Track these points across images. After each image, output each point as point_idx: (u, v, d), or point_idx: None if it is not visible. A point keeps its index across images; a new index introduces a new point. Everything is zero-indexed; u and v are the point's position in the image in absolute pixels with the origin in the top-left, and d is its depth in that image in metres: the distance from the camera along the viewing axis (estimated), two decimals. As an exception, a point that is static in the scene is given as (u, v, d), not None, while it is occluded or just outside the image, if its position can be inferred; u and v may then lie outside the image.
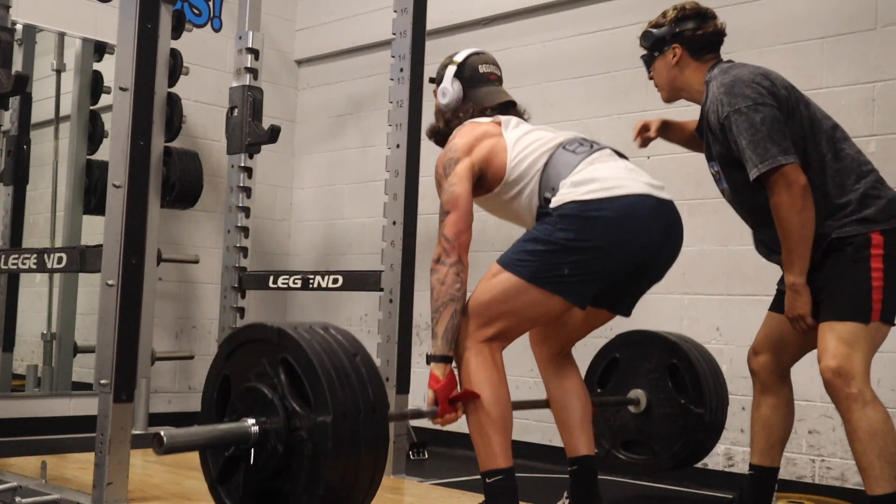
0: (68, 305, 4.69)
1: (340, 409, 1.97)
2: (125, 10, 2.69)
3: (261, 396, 2.06)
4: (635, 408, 3.19)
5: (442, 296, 2.37)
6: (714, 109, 2.57)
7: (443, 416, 2.39)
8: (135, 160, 2.66)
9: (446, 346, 2.37)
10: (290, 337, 2.04)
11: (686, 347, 3.17)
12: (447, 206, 2.44)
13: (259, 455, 2.05)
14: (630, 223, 2.35)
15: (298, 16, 5.74)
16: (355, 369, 2.04)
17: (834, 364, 2.42)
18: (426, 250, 4.68)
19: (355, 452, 1.99)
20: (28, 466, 3.15)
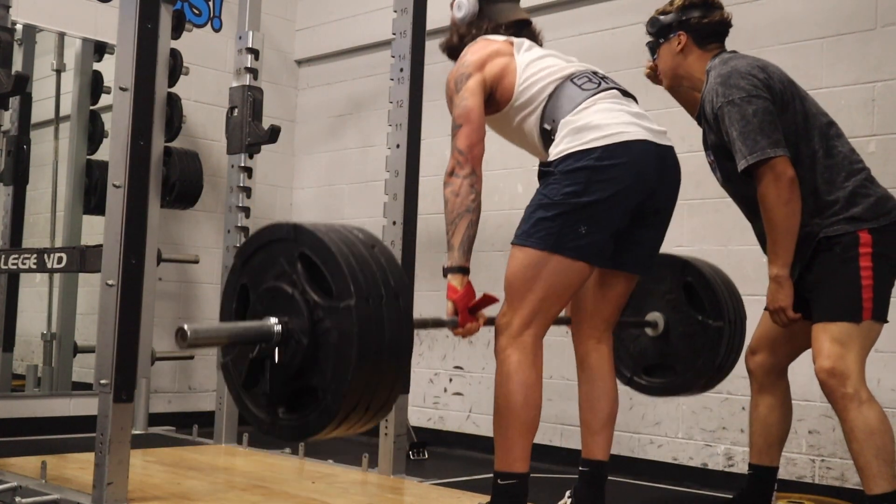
0: (68, 305, 4.69)
1: (363, 294, 1.92)
2: (125, 10, 2.69)
3: (281, 294, 2.02)
4: (653, 331, 3.12)
5: (457, 207, 2.37)
6: (710, 99, 2.59)
7: (464, 326, 2.37)
8: (135, 160, 2.66)
9: (462, 257, 2.37)
10: (307, 230, 2.01)
11: (699, 264, 3.09)
12: (459, 119, 2.44)
13: (284, 353, 2.00)
14: (631, 168, 2.35)
15: (298, 16, 5.74)
16: (374, 259, 2.00)
17: (828, 365, 2.43)
18: (426, 250, 4.69)
19: (381, 336, 1.95)
20: (28, 466, 3.15)
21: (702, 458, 3.88)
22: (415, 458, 4.23)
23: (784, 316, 2.54)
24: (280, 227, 2.07)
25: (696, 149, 4.00)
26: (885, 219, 2.51)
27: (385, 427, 3.38)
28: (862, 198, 2.51)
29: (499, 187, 4.51)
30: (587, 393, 2.63)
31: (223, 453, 3.83)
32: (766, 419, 2.79)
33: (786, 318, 2.54)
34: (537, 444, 4.24)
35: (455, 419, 4.67)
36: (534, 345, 2.37)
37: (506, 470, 2.35)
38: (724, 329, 3.04)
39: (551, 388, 4.21)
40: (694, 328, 3.07)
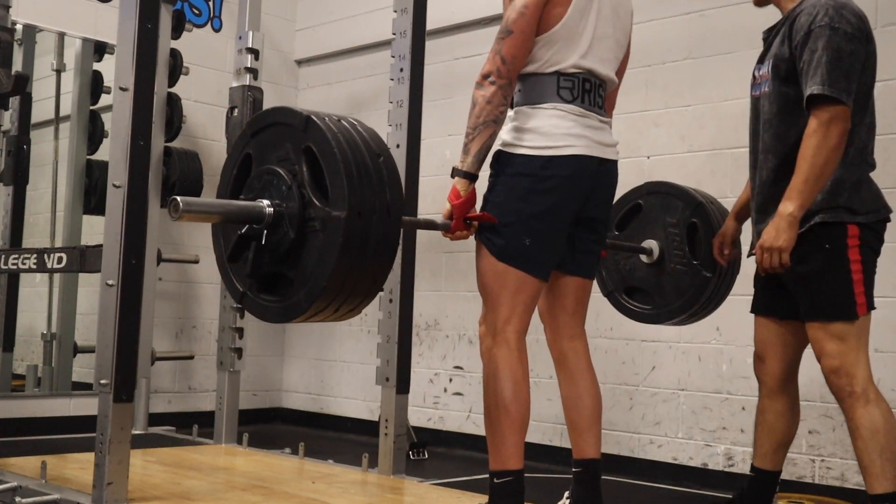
0: (68, 305, 4.69)
1: (355, 208, 1.97)
2: (125, 10, 2.69)
3: (280, 180, 2.07)
4: (647, 257, 3.13)
5: (485, 114, 2.35)
6: (811, 13, 2.47)
7: (454, 232, 2.39)
8: (135, 160, 2.66)
9: (476, 164, 2.37)
10: (318, 127, 2.04)
11: (710, 210, 3.08)
12: (512, 25, 2.38)
13: (270, 237, 2.06)
14: (570, 182, 2.39)
15: (298, 16, 5.75)
16: (377, 170, 2.04)
17: (836, 364, 2.43)
18: (426, 250, 4.69)
19: (364, 250, 2.00)
20: (28, 466, 3.16)
21: (702, 458, 3.88)
22: (415, 458, 4.23)
23: (778, 258, 2.46)
24: (294, 114, 2.12)
25: (696, 149, 4.01)
26: (873, 215, 2.51)
27: (385, 427, 3.39)
28: (865, 189, 2.51)
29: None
30: (569, 393, 2.65)
31: (223, 453, 3.83)
32: (774, 425, 2.75)
33: (779, 261, 2.46)
34: (537, 445, 4.26)
35: (455, 419, 4.67)
36: (517, 341, 2.40)
37: (500, 468, 2.37)
38: (712, 281, 3.04)
39: (551, 387, 4.21)
40: (684, 269, 3.08)
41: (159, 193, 4.38)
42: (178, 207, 2.00)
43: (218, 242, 2.25)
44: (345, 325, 5.26)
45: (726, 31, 3.92)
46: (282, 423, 5.50)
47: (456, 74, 4.83)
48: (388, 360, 3.43)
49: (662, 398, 4.00)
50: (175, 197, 2.01)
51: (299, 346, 5.53)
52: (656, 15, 4.11)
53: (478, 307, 2.50)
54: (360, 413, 5.10)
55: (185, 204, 2.01)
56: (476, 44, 4.76)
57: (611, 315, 3.61)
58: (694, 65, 4.04)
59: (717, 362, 3.86)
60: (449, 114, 4.77)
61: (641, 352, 4.07)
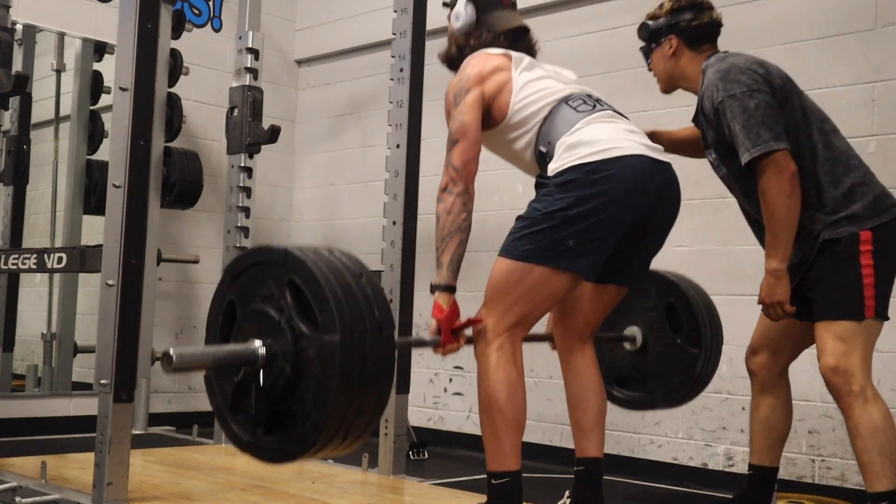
0: (68, 305, 4.69)
1: (348, 329, 1.95)
2: (125, 10, 2.69)
3: (267, 318, 2.05)
4: (631, 345, 3.16)
5: (449, 225, 2.38)
6: (709, 95, 2.59)
7: (444, 346, 2.40)
8: (135, 160, 2.66)
9: (451, 275, 2.38)
10: (297, 258, 2.03)
11: (684, 287, 3.12)
12: (456, 134, 2.44)
13: (267, 376, 2.04)
14: (627, 183, 2.34)
15: (298, 16, 5.74)
16: (361, 289, 2.03)
17: (833, 363, 2.44)
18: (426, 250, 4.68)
19: (363, 372, 1.98)
20: (28, 466, 3.15)
21: (702, 458, 3.88)
22: (415, 458, 4.23)
23: (781, 310, 2.53)
24: (271, 250, 2.10)
25: (696, 149, 4.01)
26: (885, 215, 2.51)
27: (385, 427, 3.39)
28: (861, 194, 2.52)
29: (499, 187, 4.51)
30: (575, 392, 2.65)
31: (223, 453, 3.83)
32: (768, 419, 2.78)
33: (782, 312, 2.53)
34: (538, 445, 4.26)
35: (455, 419, 4.67)
36: (512, 344, 2.40)
37: (498, 469, 2.37)
38: (700, 356, 3.08)
39: (551, 388, 4.21)
40: (670, 349, 3.11)
41: (159, 193, 4.38)
42: (171, 361, 1.95)
43: (213, 395, 2.19)
44: (345, 325, 5.26)
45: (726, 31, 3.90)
46: (282, 423, 5.49)
47: (456, 74, 4.83)
48: (388, 360, 3.42)
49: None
50: (168, 350, 1.96)
51: (299, 346, 5.52)
52: (656, 15, 4.11)
53: (477, 306, 2.50)
54: (360, 413, 5.10)
55: (179, 357, 1.96)
56: (476, 44, 4.76)
57: None
58: (694, 65, 4.03)
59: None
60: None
61: (641, 352, 4.07)
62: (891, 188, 2.92)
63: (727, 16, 3.98)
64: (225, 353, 2.08)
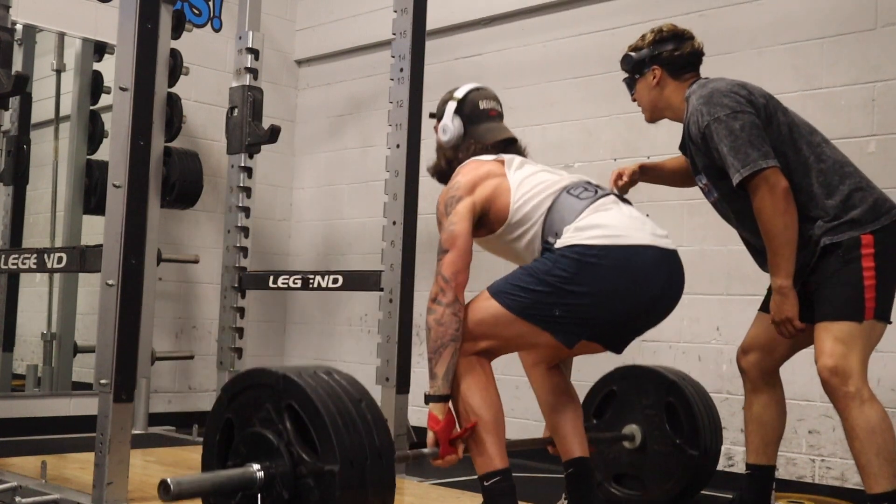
0: (68, 305, 4.69)
1: (347, 457, 1.96)
2: (125, 10, 2.69)
3: (266, 442, 2.06)
4: (630, 443, 3.16)
5: (441, 336, 2.37)
6: (695, 121, 2.60)
7: (444, 458, 2.39)
8: (135, 160, 2.66)
9: (446, 385, 2.37)
10: (295, 383, 2.03)
11: (683, 386, 3.14)
12: (446, 244, 2.43)
13: (265, 501, 2.04)
14: (629, 274, 2.33)
15: (298, 16, 5.74)
16: (361, 415, 2.04)
17: (831, 363, 2.44)
18: (426, 250, 4.68)
19: (363, 499, 1.98)
20: (28, 466, 3.15)
21: (702, 458, 3.88)
22: (415, 458, 4.22)
23: (791, 326, 2.54)
24: (270, 373, 2.10)
25: (696, 149, 4.01)
26: (885, 218, 2.52)
27: (385, 427, 3.38)
28: (859, 200, 2.53)
29: (499, 187, 4.51)
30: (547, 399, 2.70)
31: (223, 453, 3.82)
32: (762, 417, 2.79)
33: (793, 328, 2.54)
34: (537, 444, 4.25)
35: (455, 419, 4.66)
36: (479, 362, 2.41)
37: (487, 470, 2.38)
38: (698, 459, 3.09)
39: (551, 388, 4.21)
40: (669, 449, 3.13)
41: (159, 193, 4.38)
42: (168, 490, 1.97)
43: None
44: (345, 325, 5.26)
45: (726, 31, 3.92)
46: (282, 423, 5.50)
47: (456, 74, 4.83)
48: (388, 360, 3.43)
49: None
50: (165, 479, 1.98)
51: (299, 346, 5.53)
52: (656, 15, 4.10)
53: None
54: (360, 413, 5.09)
55: (176, 485, 1.98)
56: (476, 44, 4.76)
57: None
58: (694, 65, 4.03)
59: (717, 362, 3.86)
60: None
61: (641, 352, 4.07)
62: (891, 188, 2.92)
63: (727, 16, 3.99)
64: (223, 479, 2.08)
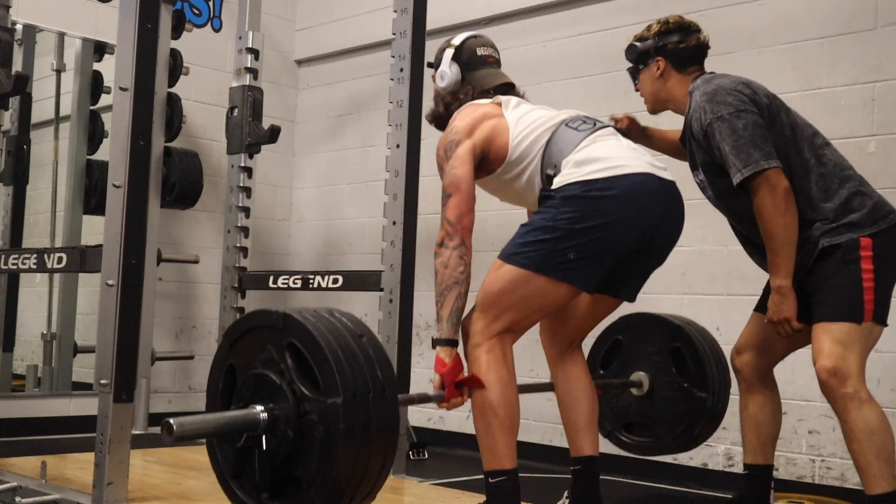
0: (68, 305, 4.69)
1: (350, 391, 1.94)
2: (125, 10, 2.69)
3: (268, 382, 2.04)
4: (638, 390, 3.17)
5: (446, 279, 2.37)
6: (697, 118, 2.60)
7: (449, 401, 2.39)
8: (135, 160, 2.66)
9: (451, 329, 2.37)
10: (296, 321, 2.02)
11: (689, 331, 3.15)
12: (449, 189, 2.44)
13: (270, 441, 2.02)
14: (633, 202, 2.35)
15: (298, 16, 5.74)
16: (362, 350, 2.02)
17: (829, 364, 2.44)
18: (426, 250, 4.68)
19: (367, 433, 1.97)
20: (28, 466, 3.15)
21: (702, 458, 3.88)
22: (415, 458, 4.23)
23: (788, 327, 2.54)
24: (269, 314, 2.09)
25: (696, 149, 4.01)
26: (883, 222, 2.52)
27: (385, 427, 3.38)
28: (858, 203, 2.53)
29: (499, 187, 4.51)
30: (566, 392, 2.67)
31: (223, 453, 3.82)
32: (757, 417, 2.80)
33: (790, 328, 2.54)
34: (537, 445, 4.26)
35: (455, 419, 4.66)
36: (502, 346, 2.40)
37: (494, 468, 2.38)
38: (707, 400, 3.10)
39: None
40: (678, 394, 3.13)
41: (159, 193, 4.38)
42: (171, 430, 1.95)
43: (215, 460, 2.19)
44: (345, 325, 5.25)
45: (726, 31, 3.92)
46: (282, 423, 5.50)
47: (456, 74, 4.83)
48: (388, 360, 3.42)
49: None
50: (168, 420, 1.96)
51: (299, 346, 5.52)
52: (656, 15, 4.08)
53: (478, 307, 2.49)
54: (360, 413, 5.09)
55: (179, 426, 1.96)
56: (476, 44, 4.76)
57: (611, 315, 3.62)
58: (694, 65, 4.03)
59: None
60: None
61: (641, 352, 4.07)
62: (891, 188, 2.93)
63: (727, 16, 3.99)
64: (226, 419, 2.07)
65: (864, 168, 2.69)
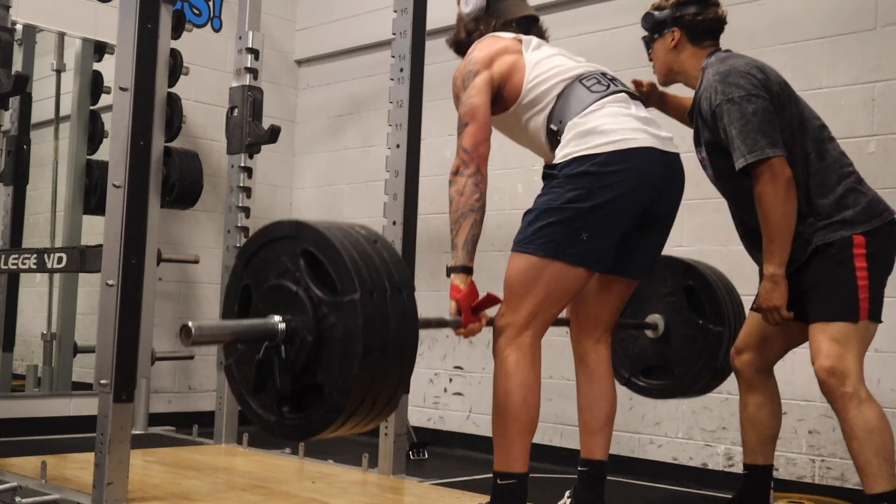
0: (68, 305, 4.69)
1: (367, 288, 1.92)
2: (125, 10, 2.69)
3: (284, 292, 2.01)
4: (653, 332, 3.14)
5: (461, 207, 2.37)
6: (707, 96, 2.58)
7: (466, 326, 2.37)
8: (135, 160, 2.65)
9: (466, 256, 2.37)
10: (309, 227, 2.00)
11: (701, 268, 3.12)
12: (465, 118, 2.43)
13: (289, 350, 1.99)
14: (636, 175, 2.34)
15: (298, 16, 5.74)
16: (377, 253, 2.01)
17: (828, 364, 2.43)
18: (426, 250, 4.69)
19: (386, 329, 1.93)
20: (28, 466, 3.15)
21: (702, 458, 3.88)
22: (415, 458, 4.23)
23: (778, 315, 2.54)
24: (282, 224, 2.07)
25: (696, 149, 4.01)
26: (877, 220, 2.52)
27: (385, 427, 3.38)
28: (853, 201, 2.53)
29: (499, 187, 4.51)
30: (586, 393, 2.63)
31: (223, 453, 3.83)
32: (757, 417, 2.80)
33: (779, 317, 2.54)
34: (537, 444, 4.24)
35: (455, 419, 4.67)
36: (532, 345, 2.38)
37: (505, 470, 2.36)
38: (724, 334, 3.06)
39: (551, 388, 4.21)
40: (694, 331, 3.09)
41: (159, 193, 4.38)
42: (189, 333, 1.92)
43: (234, 382, 2.14)
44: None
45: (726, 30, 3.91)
46: (282, 423, 5.49)
47: (456, 74, 4.83)
48: (388, 360, 3.42)
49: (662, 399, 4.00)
50: (186, 323, 1.92)
51: (299, 346, 5.53)
52: (656, 15, 4.11)
53: (481, 308, 2.48)
54: (360, 413, 5.10)
55: (197, 329, 1.93)
56: (476, 44, 4.76)
57: None
58: (694, 65, 4.03)
59: None
60: (449, 114, 4.73)
61: (641, 352, 4.07)
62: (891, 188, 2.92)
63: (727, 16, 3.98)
64: (244, 326, 2.04)
65: (863, 168, 2.69)
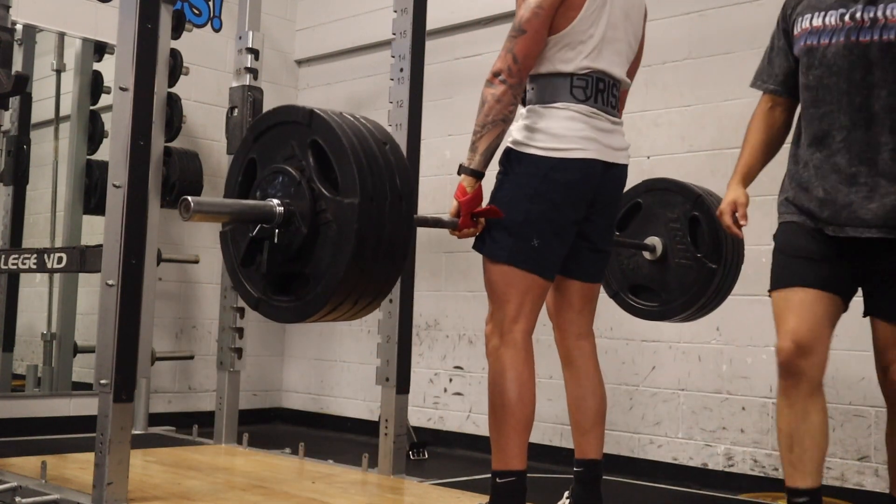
0: (68, 305, 4.69)
1: (368, 193, 1.95)
2: (125, 10, 2.69)
3: (287, 178, 2.05)
4: (651, 254, 3.14)
5: (494, 113, 2.34)
6: None
7: (461, 230, 2.39)
8: (135, 160, 2.66)
9: (483, 162, 2.37)
10: (322, 119, 2.02)
11: (710, 201, 3.09)
12: (525, 25, 2.36)
13: (283, 235, 2.04)
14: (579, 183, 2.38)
15: (298, 16, 5.75)
16: (384, 156, 2.03)
17: None
18: (426, 250, 4.69)
19: (379, 238, 1.97)
20: (28, 466, 3.16)
21: (702, 458, 3.88)
22: (415, 458, 4.23)
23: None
24: (297, 109, 2.10)
25: (696, 149, 4.01)
26: None
27: (385, 427, 3.39)
28: None
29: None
30: (574, 392, 2.64)
31: (223, 453, 3.83)
32: (823, 427, 2.40)
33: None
34: (537, 445, 4.26)
35: (455, 419, 4.67)
36: (524, 341, 2.40)
37: (503, 468, 2.37)
38: (718, 272, 3.05)
39: (551, 388, 4.21)
40: (689, 262, 3.09)
41: (159, 193, 4.39)
42: (189, 207, 1.98)
43: (227, 250, 2.21)
44: (345, 325, 5.26)
45: (726, 31, 3.92)
46: (282, 423, 5.50)
47: (456, 74, 4.83)
48: (388, 360, 3.43)
49: (662, 398, 4.00)
50: (186, 197, 1.99)
51: (299, 346, 5.53)
52: (656, 15, 4.10)
53: (477, 307, 2.50)
54: (360, 413, 5.10)
55: (197, 204, 1.99)
56: (476, 44, 4.76)
57: (611, 315, 3.62)
58: (694, 65, 4.04)
59: (717, 362, 3.86)
60: (449, 114, 4.77)
61: (641, 352, 4.07)
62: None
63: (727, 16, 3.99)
64: (242, 206, 2.09)
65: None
